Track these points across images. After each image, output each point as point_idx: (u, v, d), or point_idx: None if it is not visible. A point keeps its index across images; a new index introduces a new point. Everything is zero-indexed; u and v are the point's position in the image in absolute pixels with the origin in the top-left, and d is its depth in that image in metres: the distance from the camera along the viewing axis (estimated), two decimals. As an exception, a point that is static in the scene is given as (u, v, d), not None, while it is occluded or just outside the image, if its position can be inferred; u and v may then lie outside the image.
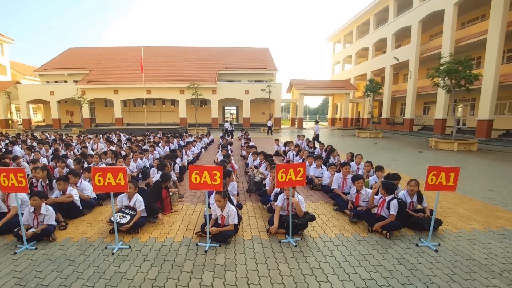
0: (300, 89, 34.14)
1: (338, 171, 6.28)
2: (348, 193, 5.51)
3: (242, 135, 19.47)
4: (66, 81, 34.45)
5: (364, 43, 33.53)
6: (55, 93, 31.43)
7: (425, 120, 28.30)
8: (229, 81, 35.09)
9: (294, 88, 35.62)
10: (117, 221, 4.07)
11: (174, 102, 34.08)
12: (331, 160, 8.26)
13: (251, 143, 11.80)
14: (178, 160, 7.86)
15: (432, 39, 25.91)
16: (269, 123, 25.77)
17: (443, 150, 14.10)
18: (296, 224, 4.17)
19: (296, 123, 35.91)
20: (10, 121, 32.81)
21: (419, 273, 3.26)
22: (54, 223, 4.20)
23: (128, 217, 4.29)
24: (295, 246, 3.91)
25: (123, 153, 9.09)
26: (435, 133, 21.94)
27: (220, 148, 10.17)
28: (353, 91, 35.96)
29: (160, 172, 5.93)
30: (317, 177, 7.04)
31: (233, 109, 38.81)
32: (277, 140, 12.96)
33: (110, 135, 14.98)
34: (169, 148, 10.73)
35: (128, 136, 15.20)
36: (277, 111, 32.53)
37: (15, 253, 3.69)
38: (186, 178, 7.98)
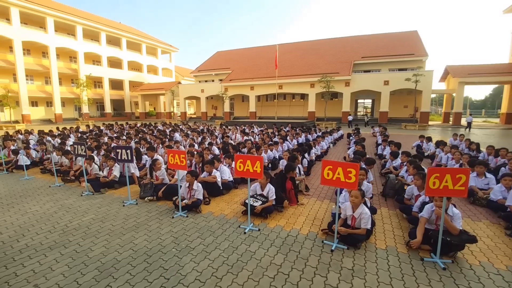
0: (459, 76, 27.52)
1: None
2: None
3: (374, 132, 17.89)
4: (213, 80, 41.78)
5: None
6: (204, 91, 38.77)
7: None
8: (365, 71, 32.75)
9: (451, 76, 29.04)
10: (251, 204, 4.61)
11: (303, 96, 35.13)
12: (505, 170, 6.31)
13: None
14: (305, 154, 8.07)
15: None
16: (350, 117, 26.46)
17: None
18: (447, 243, 3.46)
19: (451, 118, 29.49)
20: (172, 113, 43.08)
21: None
22: (201, 198, 5.22)
23: (260, 202, 4.79)
24: (444, 268, 3.26)
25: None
26: None
27: (352, 144, 9.70)
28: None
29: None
30: (480, 189, 5.59)
31: (368, 102, 36.05)
32: (422, 136, 11.09)
33: (245, 127, 17.07)
34: (297, 142, 11.17)
35: (260, 128, 16.96)
36: (425, 104, 27.75)
37: (172, 217, 4.85)
38: (313, 173, 8.10)
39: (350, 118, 27.24)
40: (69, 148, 8.80)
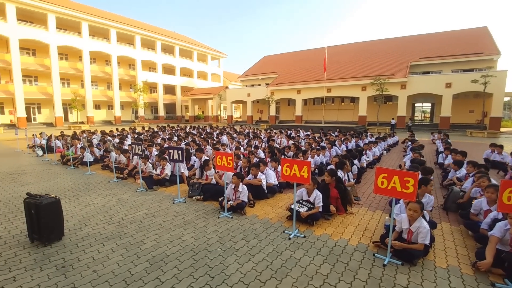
0: (545, 75, 24.03)
1: None
2: None
3: (433, 138, 16.53)
4: (259, 85, 42.44)
5: None
6: (250, 95, 39.56)
7: None
8: (423, 73, 30.40)
9: (533, 75, 25.51)
10: (296, 209, 4.53)
11: (354, 100, 33.81)
12: None
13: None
14: (355, 161, 7.71)
15: None
16: (393, 121, 26.25)
17: None
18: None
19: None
20: (219, 116, 44.68)
21: None
22: (246, 200, 5.29)
23: (306, 208, 4.68)
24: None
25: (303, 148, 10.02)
26: None
27: (409, 151, 9.03)
28: None
29: (339, 170, 6.04)
30: None
31: (427, 106, 33.33)
32: (493, 145, 9.69)
33: (291, 131, 16.96)
34: (346, 147, 10.74)
35: (307, 133, 16.71)
36: (497, 108, 24.70)
37: (218, 217, 4.98)
38: (364, 181, 7.71)
39: (393, 121, 26.82)
40: (126, 147, 9.61)
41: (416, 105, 33.34)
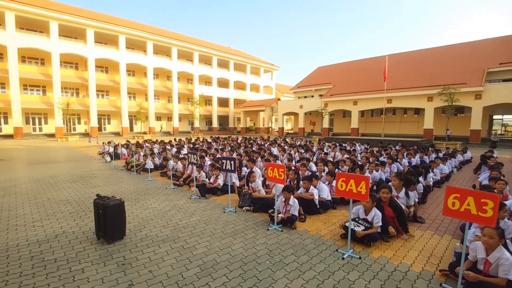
0: None
1: None
2: None
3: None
4: (312, 96, 42.06)
5: None
6: (303, 106, 39.28)
7: None
8: (504, 80, 26.92)
9: None
10: (351, 228, 4.30)
11: (418, 111, 31.34)
12: None
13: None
14: (420, 178, 7.08)
15: None
16: (448, 132, 25.18)
17: None
18: None
19: None
20: (270, 128, 45.19)
21: None
22: (296, 214, 5.19)
23: (363, 227, 4.42)
24: None
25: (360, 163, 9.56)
26: None
27: (485, 170, 8.00)
28: None
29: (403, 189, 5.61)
30: None
31: (508, 118, 29.31)
32: None
33: (346, 144, 16.33)
34: (409, 163, 9.94)
35: (365, 146, 15.94)
36: None
37: (267, 230, 4.97)
38: (430, 201, 7.02)
39: (448, 132, 25.42)
40: (183, 156, 10.26)
41: (495, 117, 29.55)
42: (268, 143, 17.07)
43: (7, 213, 5.80)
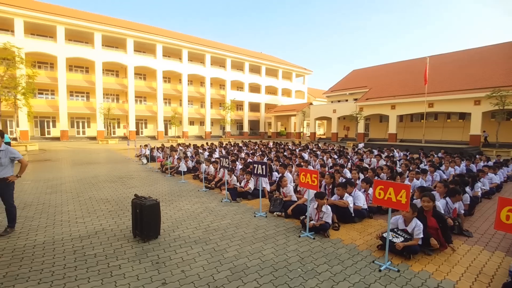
0: None
1: None
2: None
3: None
4: (346, 100, 40.95)
5: None
6: (336, 111, 38.37)
7: None
8: None
9: None
10: (390, 239, 4.08)
11: (463, 116, 29.24)
12: None
13: None
14: (467, 189, 6.56)
15: None
16: (485, 134, 24.11)
17: None
18: None
19: None
20: (302, 133, 44.70)
21: None
22: (330, 221, 5.03)
23: (402, 239, 4.18)
24: None
25: (399, 170, 9.12)
26: None
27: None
28: None
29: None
30: None
31: None
32: None
33: (384, 150, 15.65)
34: (453, 171, 9.28)
35: (404, 153, 15.19)
36: None
37: (299, 236, 4.87)
38: (478, 213, 6.48)
39: (485, 134, 24.74)
40: (215, 160, 10.46)
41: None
42: (299, 149, 16.86)
43: (54, 209, 6.29)
